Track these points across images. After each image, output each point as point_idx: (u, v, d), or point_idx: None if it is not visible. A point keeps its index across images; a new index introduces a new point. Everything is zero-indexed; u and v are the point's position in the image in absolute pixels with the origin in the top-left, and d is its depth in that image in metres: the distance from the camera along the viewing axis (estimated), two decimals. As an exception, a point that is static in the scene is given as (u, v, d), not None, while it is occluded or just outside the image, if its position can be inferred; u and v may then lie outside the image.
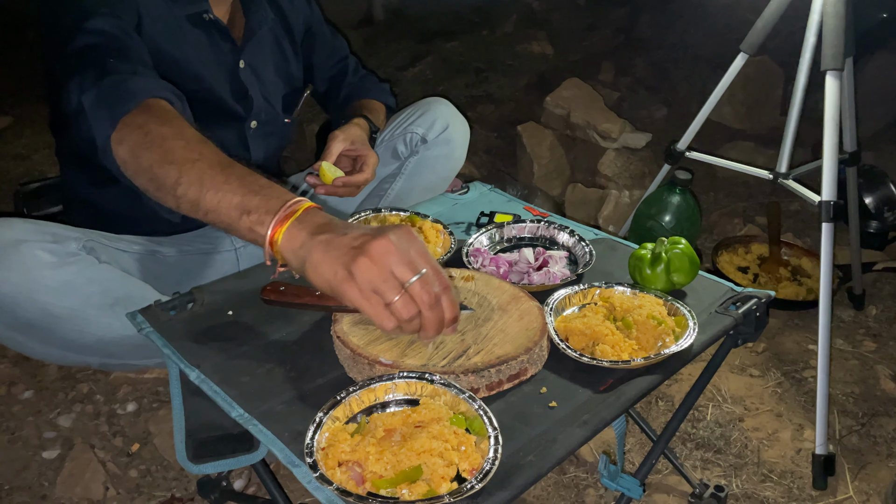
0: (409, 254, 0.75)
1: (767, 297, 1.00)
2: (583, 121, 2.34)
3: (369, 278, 0.73)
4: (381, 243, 0.73)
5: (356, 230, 0.77)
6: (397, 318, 0.75)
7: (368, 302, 0.74)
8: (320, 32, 1.48)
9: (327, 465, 0.69)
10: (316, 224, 0.78)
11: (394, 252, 0.74)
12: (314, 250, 0.76)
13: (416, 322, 0.76)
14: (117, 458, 1.32)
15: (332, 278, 0.74)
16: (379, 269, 0.73)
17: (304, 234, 0.77)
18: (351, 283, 0.74)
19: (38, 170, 2.55)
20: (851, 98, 1.56)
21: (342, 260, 0.74)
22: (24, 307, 1.01)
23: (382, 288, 0.73)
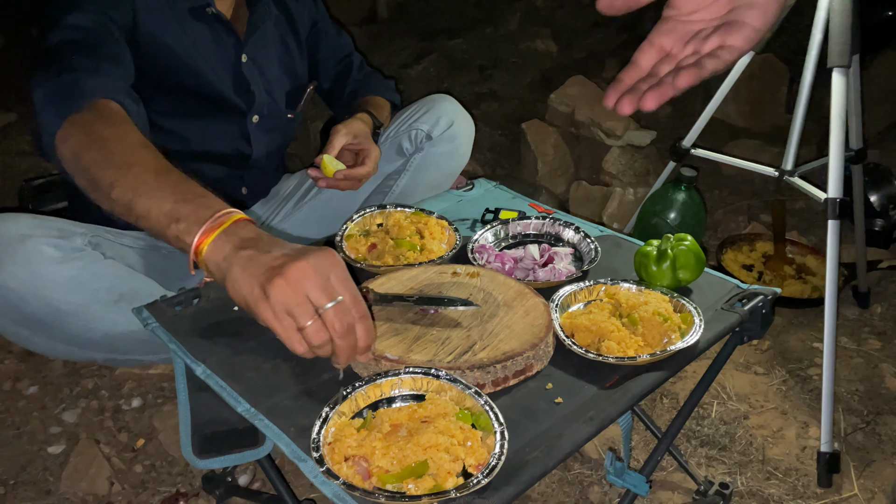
0: (327, 279, 0.74)
1: (773, 294, 0.99)
2: (587, 118, 2.34)
3: (283, 300, 0.72)
4: (299, 266, 0.73)
5: (280, 249, 0.76)
6: (308, 342, 0.74)
7: (280, 324, 0.74)
8: (325, 29, 1.48)
9: (333, 460, 0.69)
10: (241, 238, 0.78)
11: (311, 276, 0.73)
12: (234, 265, 0.75)
13: (327, 348, 0.75)
14: (122, 453, 1.33)
15: (248, 296, 0.74)
16: (294, 292, 0.72)
17: (228, 247, 0.77)
18: (265, 304, 0.73)
19: (43, 166, 2.55)
20: (858, 95, 1.55)
21: (259, 279, 0.73)
22: (30, 302, 1.01)
23: (296, 312, 0.73)
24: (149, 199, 0.82)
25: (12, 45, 3.43)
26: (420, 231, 1.12)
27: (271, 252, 0.76)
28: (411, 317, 0.91)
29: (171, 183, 0.84)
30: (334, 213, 1.40)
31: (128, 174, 0.84)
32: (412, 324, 0.89)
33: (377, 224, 1.17)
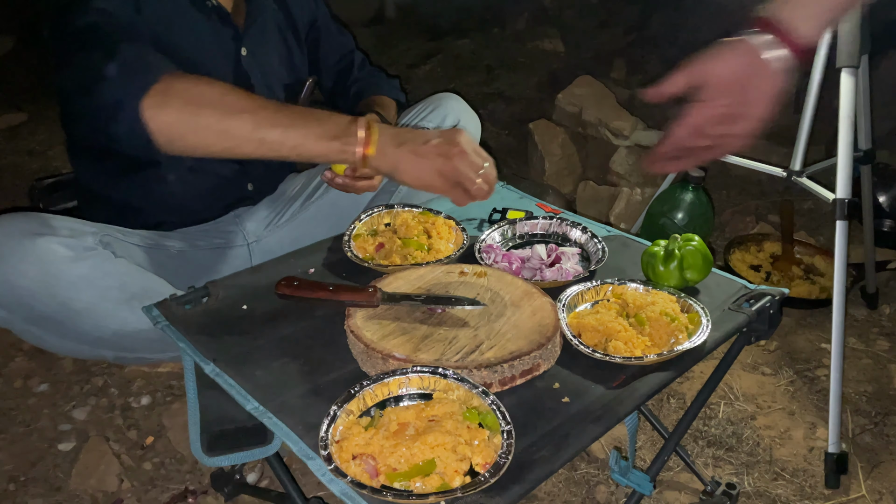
0: (474, 148, 1.00)
1: (781, 294, 0.99)
2: (594, 118, 2.33)
3: (457, 171, 0.97)
4: (458, 146, 0.98)
5: (428, 136, 0.99)
6: (474, 197, 1.00)
7: (453, 191, 0.99)
8: (325, 27, 1.48)
9: (341, 458, 0.70)
10: (391, 135, 0.99)
11: (468, 150, 0.98)
12: (403, 157, 0.97)
13: None
14: (132, 450, 1.33)
15: (426, 176, 0.97)
16: (462, 165, 0.97)
17: (390, 146, 0.97)
18: (441, 179, 0.98)
19: (53, 165, 2.57)
20: (866, 96, 1.55)
21: (432, 162, 0.97)
22: (41, 300, 1.02)
23: (466, 180, 0.98)
24: (297, 129, 0.95)
25: (21, 48, 3.45)
26: (427, 231, 1.12)
27: (428, 139, 0.98)
28: (419, 316, 0.91)
29: (299, 113, 0.97)
30: (342, 213, 1.40)
31: (264, 115, 0.95)
32: (420, 323, 0.90)
33: (385, 224, 1.17)
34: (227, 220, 1.39)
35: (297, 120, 0.96)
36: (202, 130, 0.95)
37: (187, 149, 0.97)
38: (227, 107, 0.95)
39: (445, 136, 0.99)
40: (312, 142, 0.96)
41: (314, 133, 0.96)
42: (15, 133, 2.81)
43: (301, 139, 0.95)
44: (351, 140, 0.96)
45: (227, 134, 0.95)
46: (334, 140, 0.96)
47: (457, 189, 0.99)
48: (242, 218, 1.40)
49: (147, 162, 1.24)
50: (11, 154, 2.67)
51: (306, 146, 0.96)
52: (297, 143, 0.95)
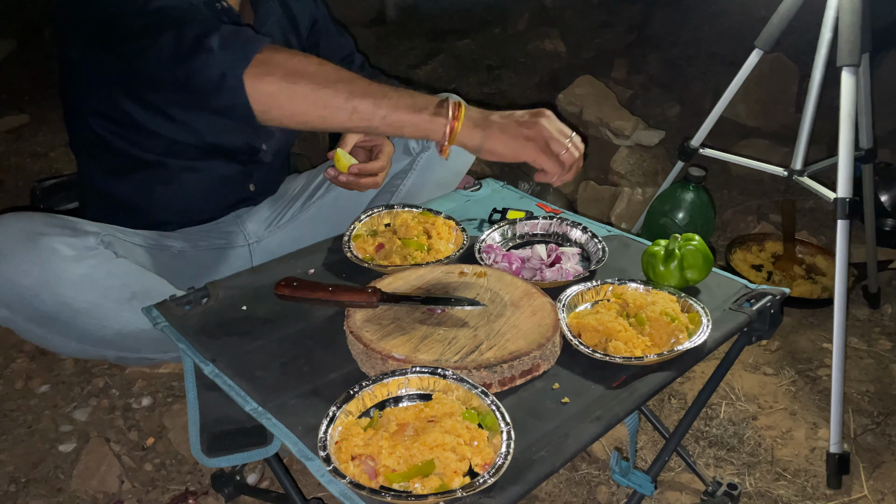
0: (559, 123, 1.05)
1: (782, 294, 0.99)
2: (595, 118, 2.33)
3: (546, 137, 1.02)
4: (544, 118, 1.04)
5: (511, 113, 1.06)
6: (565, 163, 1.03)
7: (544, 157, 1.02)
8: (325, 28, 1.48)
9: (340, 459, 0.70)
10: (478, 111, 1.04)
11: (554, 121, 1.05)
12: (493, 129, 1.02)
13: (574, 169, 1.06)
14: (132, 451, 1.34)
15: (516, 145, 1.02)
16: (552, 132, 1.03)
17: (477, 117, 1.03)
18: (531, 145, 1.02)
19: (54, 167, 2.58)
20: (867, 94, 1.54)
21: (521, 132, 1.02)
22: (43, 300, 1.02)
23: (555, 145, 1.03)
24: (389, 99, 0.99)
25: (24, 49, 3.46)
26: (427, 231, 1.12)
27: (512, 113, 1.05)
28: (418, 316, 0.91)
29: (388, 86, 1.02)
30: (342, 213, 1.40)
31: (358, 86, 0.99)
32: (419, 323, 0.90)
33: (385, 224, 1.17)
34: (229, 220, 1.39)
35: (389, 92, 1.00)
36: (299, 99, 0.98)
37: (284, 118, 1.00)
38: (324, 77, 0.99)
39: (530, 111, 1.06)
40: (403, 112, 1.00)
41: (405, 104, 1.00)
42: (17, 135, 2.82)
43: (392, 109, 0.99)
44: (441, 111, 1.00)
45: (323, 102, 0.98)
46: (423, 111, 1.00)
47: (546, 154, 1.02)
48: (243, 218, 1.40)
49: (150, 161, 1.25)
50: (13, 155, 2.67)
51: (397, 116, 1.00)
52: (388, 113, 0.99)
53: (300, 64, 1.00)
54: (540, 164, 1.03)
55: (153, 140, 1.22)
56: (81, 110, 1.21)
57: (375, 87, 1.01)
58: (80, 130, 1.26)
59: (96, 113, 1.20)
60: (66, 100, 1.25)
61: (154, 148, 1.24)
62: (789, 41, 2.45)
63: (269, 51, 1.00)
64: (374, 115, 0.99)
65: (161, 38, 1.00)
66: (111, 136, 1.22)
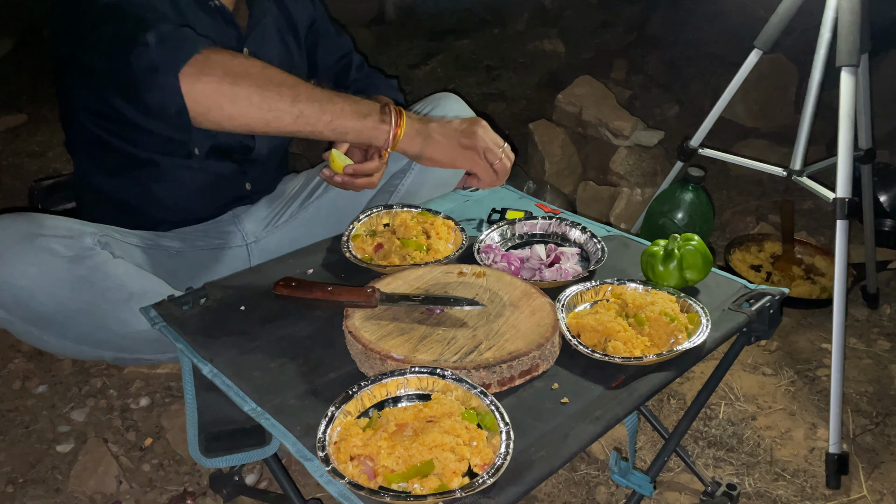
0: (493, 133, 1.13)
1: (781, 294, 0.99)
2: (595, 118, 2.33)
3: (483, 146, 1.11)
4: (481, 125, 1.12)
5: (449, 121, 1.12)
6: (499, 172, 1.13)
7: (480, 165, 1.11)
8: (324, 28, 1.48)
9: (339, 459, 0.69)
10: (419, 118, 1.10)
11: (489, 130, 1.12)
12: (433, 134, 1.08)
13: None
14: (130, 452, 1.33)
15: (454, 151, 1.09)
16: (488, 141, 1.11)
17: (418, 125, 1.08)
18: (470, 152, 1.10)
19: (52, 167, 2.57)
20: (867, 95, 1.54)
21: (458, 139, 1.09)
22: (40, 301, 1.02)
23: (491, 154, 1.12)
24: (334, 104, 1.01)
25: (21, 49, 3.45)
26: (426, 231, 1.12)
27: (450, 122, 1.12)
28: (417, 316, 0.91)
29: (335, 92, 1.04)
30: (340, 213, 1.40)
31: (302, 89, 1.00)
32: (418, 323, 0.89)
33: (383, 224, 1.17)
34: (226, 220, 1.38)
35: (335, 97, 1.02)
36: (241, 100, 0.97)
37: (223, 119, 0.99)
38: (268, 79, 0.99)
39: (466, 119, 1.12)
40: (348, 117, 1.02)
41: (350, 110, 1.02)
42: (14, 134, 2.81)
43: (337, 114, 1.01)
44: (385, 118, 1.04)
45: (266, 105, 0.98)
46: (368, 117, 1.03)
47: (481, 163, 1.10)
48: (241, 218, 1.40)
49: (146, 160, 1.24)
50: (11, 155, 2.67)
51: (341, 121, 1.02)
52: (333, 118, 1.01)
53: (242, 65, 0.99)
54: (475, 171, 1.13)
55: (147, 138, 1.22)
56: (76, 108, 1.21)
57: (320, 91, 1.02)
58: (76, 129, 1.25)
59: (90, 111, 1.20)
60: (61, 98, 1.24)
61: (149, 146, 1.23)
62: (788, 41, 2.45)
63: (208, 51, 0.98)
64: (320, 120, 1.01)
65: (100, 29, 0.99)
66: (106, 134, 1.21)
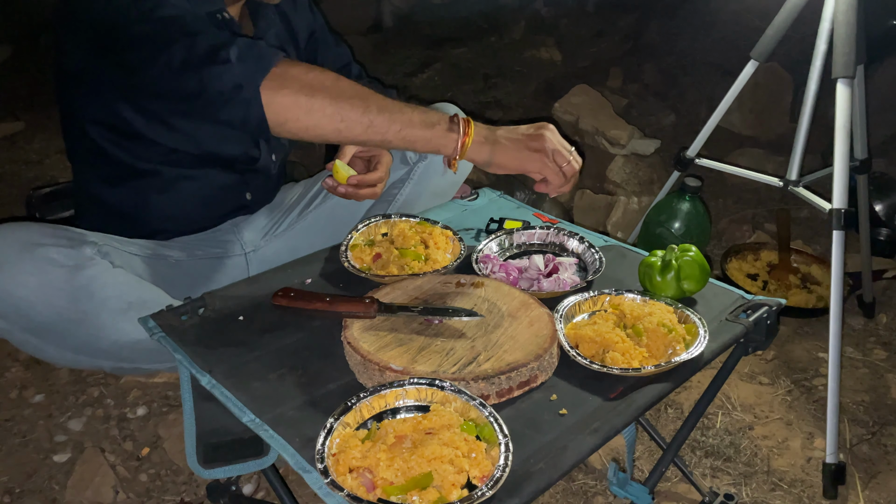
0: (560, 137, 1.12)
1: (778, 304, 0.99)
2: (591, 127, 2.34)
3: (551, 149, 1.09)
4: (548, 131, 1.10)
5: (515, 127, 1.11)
6: (567, 174, 1.10)
7: (549, 168, 1.09)
8: (323, 38, 1.48)
9: (338, 471, 0.69)
10: (485, 127, 1.10)
11: (556, 134, 1.11)
12: (500, 142, 1.09)
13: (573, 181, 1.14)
14: (127, 461, 1.33)
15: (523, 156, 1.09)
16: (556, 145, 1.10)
17: (485, 132, 1.09)
18: (538, 155, 1.09)
19: (49, 174, 2.57)
20: (862, 105, 1.55)
21: (526, 144, 1.09)
22: (39, 311, 1.02)
23: (559, 156, 1.10)
24: (402, 114, 1.04)
25: (19, 56, 3.46)
26: (424, 241, 1.12)
27: (517, 128, 1.11)
28: (416, 327, 0.91)
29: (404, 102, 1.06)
30: (339, 223, 1.40)
31: (374, 101, 1.03)
32: (416, 334, 0.90)
33: (382, 234, 1.17)
34: (225, 229, 1.39)
35: (404, 107, 1.05)
36: (316, 112, 1.01)
37: (300, 130, 1.03)
38: (341, 91, 1.02)
39: (533, 124, 1.11)
40: (417, 127, 1.04)
41: (419, 120, 1.04)
42: (12, 142, 2.81)
43: (406, 124, 1.03)
44: (453, 127, 1.06)
45: (340, 116, 1.01)
46: (436, 127, 1.05)
47: (551, 166, 1.09)
48: (240, 227, 1.40)
49: (147, 169, 1.24)
50: (8, 163, 2.66)
51: (410, 131, 1.04)
52: (402, 128, 1.03)
53: (317, 78, 1.02)
54: (544, 175, 1.10)
55: (151, 149, 1.22)
56: (79, 118, 1.21)
57: (390, 102, 1.04)
58: (78, 139, 1.25)
59: (95, 121, 1.20)
60: (63, 108, 1.24)
61: (151, 156, 1.24)
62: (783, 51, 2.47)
63: (285, 64, 1.02)
64: (389, 130, 1.03)
65: (172, 46, 1.00)
66: (109, 144, 1.21)
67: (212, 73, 1.00)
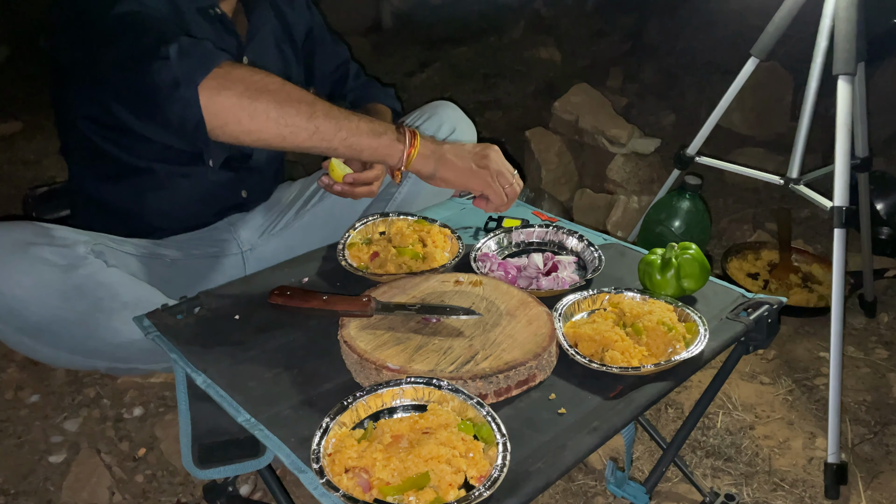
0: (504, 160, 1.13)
1: (779, 303, 0.98)
2: (591, 126, 2.33)
3: (497, 168, 1.10)
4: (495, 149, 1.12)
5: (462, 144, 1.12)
6: (510, 196, 1.12)
7: (493, 187, 1.10)
8: (321, 37, 1.48)
9: (334, 472, 0.68)
10: (432, 139, 1.09)
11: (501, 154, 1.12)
12: (446, 155, 1.08)
13: None
14: (123, 462, 1.32)
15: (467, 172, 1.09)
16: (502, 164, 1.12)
17: (432, 146, 1.07)
18: (483, 173, 1.10)
19: (46, 174, 2.56)
20: (863, 103, 1.55)
21: (473, 160, 1.10)
22: (33, 311, 1.01)
23: (503, 177, 1.11)
24: (349, 122, 1.01)
25: (17, 57, 3.45)
26: (423, 239, 1.11)
27: (464, 146, 1.12)
28: (413, 326, 0.90)
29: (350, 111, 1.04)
30: (337, 221, 1.39)
31: (319, 107, 1.00)
32: (414, 333, 0.89)
33: (380, 232, 1.16)
34: (221, 227, 1.38)
35: (351, 115, 1.02)
36: (259, 115, 0.97)
37: (240, 134, 0.99)
38: (286, 95, 0.99)
39: (478, 144, 1.13)
40: (364, 135, 1.02)
41: (366, 128, 1.03)
42: (10, 142, 2.81)
43: (353, 132, 1.01)
44: (400, 138, 1.04)
45: (284, 121, 0.98)
46: (383, 136, 1.03)
47: (494, 186, 1.10)
48: (237, 226, 1.39)
49: (142, 167, 1.24)
50: (6, 163, 2.66)
51: (356, 139, 1.02)
52: (348, 135, 1.01)
53: (262, 81, 0.98)
54: (487, 194, 1.11)
55: (145, 145, 1.21)
56: (73, 115, 1.20)
57: (337, 109, 1.02)
58: (72, 136, 1.25)
59: (87, 118, 1.19)
60: (57, 105, 1.24)
61: (146, 153, 1.23)
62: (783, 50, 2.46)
63: (228, 65, 0.98)
64: (335, 137, 1.01)
65: (119, 41, 0.99)
66: (103, 141, 1.21)
67: (151, 69, 0.95)
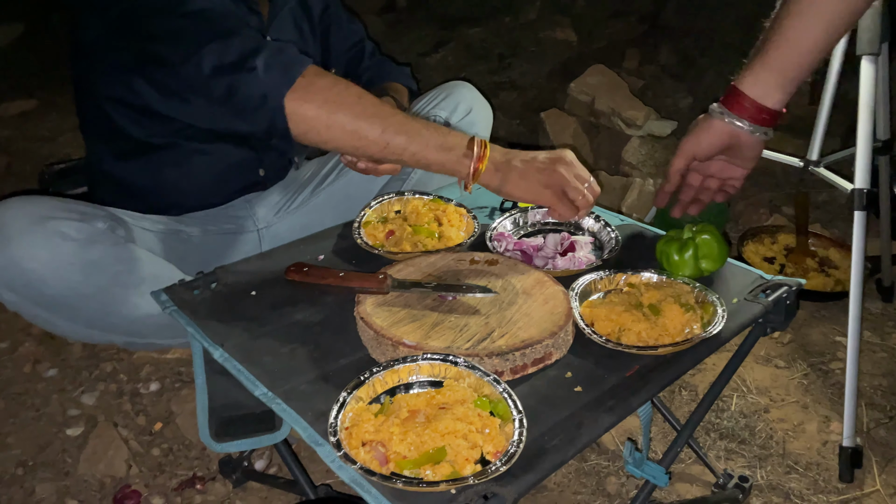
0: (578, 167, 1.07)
1: (798, 285, 0.97)
2: (607, 108, 2.31)
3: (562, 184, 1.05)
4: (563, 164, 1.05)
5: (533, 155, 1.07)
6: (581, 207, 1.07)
7: (560, 204, 1.06)
8: (337, 14, 1.47)
9: (351, 445, 0.69)
10: (501, 153, 1.06)
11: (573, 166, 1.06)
12: (512, 172, 1.04)
13: None
14: (140, 436, 1.33)
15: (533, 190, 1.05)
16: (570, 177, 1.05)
17: (499, 160, 1.05)
18: (548, 191, 1.05)
19: (63, 151, 2.57)
20: (886, 85, 1.52)
21: (538, 178, 1.04)
22: (51, 284, 1.01)
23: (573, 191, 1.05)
24: (419, 137, 1.02)
25: (32, 33, 3.46)
26: (438, 218, 1.11)
27: (535, 156, 1.06)
28: (429, 303, 0.90)
29: (422, 123, 1.04)
30: (352, 200, 1.39)
31: (393, 122, 1.02)
32: (430, 310, 0.89)
33: (395, 211, 1.16)
34: (238, 205, 1.38)
35: (422, 129, 1.03)
36: (336, 128, 1.01)
37: (319, 142, 1.04)
38: (362, 109, 1.02)
39: (552, 153, 1.07)
40: (432, 151, 1.02)
41: (435, 143, 1.03)
42: (26, 119, 2.82)
43: (422, 147, 1.02)
44: (468, 153, 1.03)
45: (357, 134, 1.01)
46: (451, 151, 1.03)
47: (561, 201, 1.05)
48: (253, 203, 1.39)
49: (160, 145, 1.24)
50: (22, 140, 2.67)
51: (425, 154, 1.03)
52: (418, 151, 1.02)
53: (340, 95, 1.02)
54: (556, 209, 1.07)
55: (167, 124, 1.21)
56: (93, 93, 1.20)
57: (410, 124, 1.03)
58: (92, 114, 1.25)
59: (108, 96, 1.19)
60: (77, 83, 1.24)
61: (166, 132, 1.23)
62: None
63: (311, 75, 1.02)
64: (405, 152, 1.02)
65: (204, 49, 1.00)
66: (124, 119, 1.20)
67: (239, 81, 1.00)
